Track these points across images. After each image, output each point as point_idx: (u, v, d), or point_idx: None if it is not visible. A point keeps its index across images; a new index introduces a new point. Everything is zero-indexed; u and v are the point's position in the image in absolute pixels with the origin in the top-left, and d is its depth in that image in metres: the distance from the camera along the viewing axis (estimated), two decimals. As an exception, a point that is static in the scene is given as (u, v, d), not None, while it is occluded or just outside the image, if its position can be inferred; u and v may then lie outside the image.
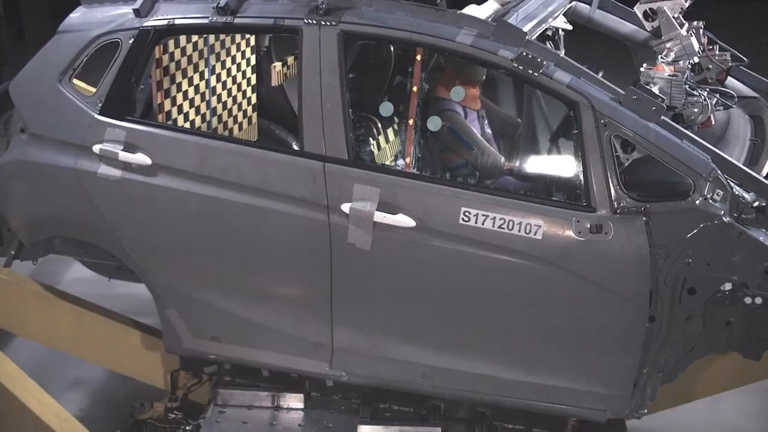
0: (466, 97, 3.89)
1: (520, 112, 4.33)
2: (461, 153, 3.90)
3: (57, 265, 4.60)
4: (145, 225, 3.73)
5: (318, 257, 3.55)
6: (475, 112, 4.08)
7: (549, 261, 3.35)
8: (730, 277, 3.30)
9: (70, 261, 4.60)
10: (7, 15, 10.51)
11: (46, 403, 3.69)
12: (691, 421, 4.55)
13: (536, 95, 4.40)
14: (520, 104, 4.34)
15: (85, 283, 4.73)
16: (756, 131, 3.89)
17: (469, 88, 3.93)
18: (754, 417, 4.67)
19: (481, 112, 4.16)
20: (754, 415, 4.69)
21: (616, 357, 3.44)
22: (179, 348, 3.89)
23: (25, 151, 3.92)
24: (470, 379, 3.57)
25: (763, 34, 10.60)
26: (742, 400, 4.66)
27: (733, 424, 4.66)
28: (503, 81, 4.44)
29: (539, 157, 4.16)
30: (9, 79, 4.59)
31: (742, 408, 4.70)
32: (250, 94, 4.60)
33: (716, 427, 4.37)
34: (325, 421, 3.83)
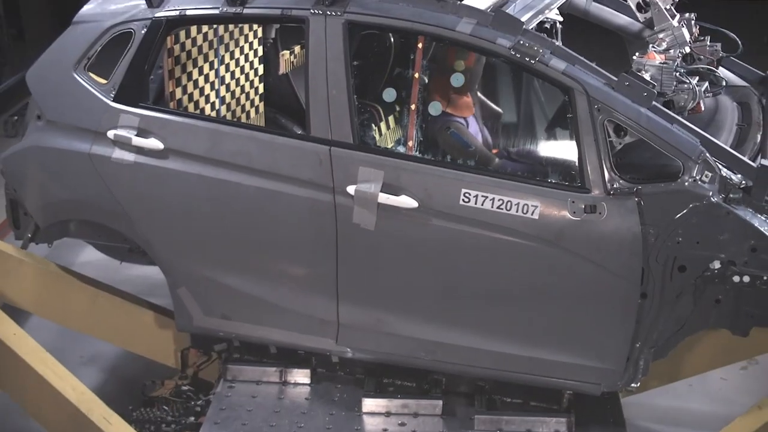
0: (461, 107, 4.04)
1: (517, 99, 4.48)
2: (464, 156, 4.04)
3: (69, 249, 4.75)
4: (158, 207, 3.88)
5: (324, 237, 3.70)
6: (473, 118, 4.19)
7: (545, 240, 3.50)
8: (719, 255, 3.44)
9: (82, 245, 4.76)
10: (7, 15, 10.57)
11: (64, 377, 3.83)
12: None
13: (534, 85, 4.57)
14: (517, 92, 4.49)
15: (96, 267, 4.88)
16: (743, 117, 4.04)
17: (462, 97, 4.05)
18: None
19: (477, 114, 4.31)
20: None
21: (610, 332, 3.59)
22: (190, 326, 4.05)
23: (41, 137, 4.08)
24: (470, 354, 3.73)
25: (763, 34, 10.64)
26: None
27: (722, 395, 4.82)
28: (501, 72, 4.61)
29: (536, 141, 4.31)
30: (9, 79, 4.77)
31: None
32: (257, 84, 4.76)
33: (704, 394, 4.48)
34: (330, 395, 3.99)
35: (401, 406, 3.88)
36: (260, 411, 3.89)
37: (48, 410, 3.86)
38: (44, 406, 3.86)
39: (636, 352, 3.62)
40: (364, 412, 3.87)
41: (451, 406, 3.88)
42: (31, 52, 4.19)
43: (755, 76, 4.41)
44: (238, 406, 3.92)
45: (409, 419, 3.84)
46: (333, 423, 3.83)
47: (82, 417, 3.75)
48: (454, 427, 3.80)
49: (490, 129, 4.33)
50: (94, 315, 4.39)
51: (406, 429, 3.80)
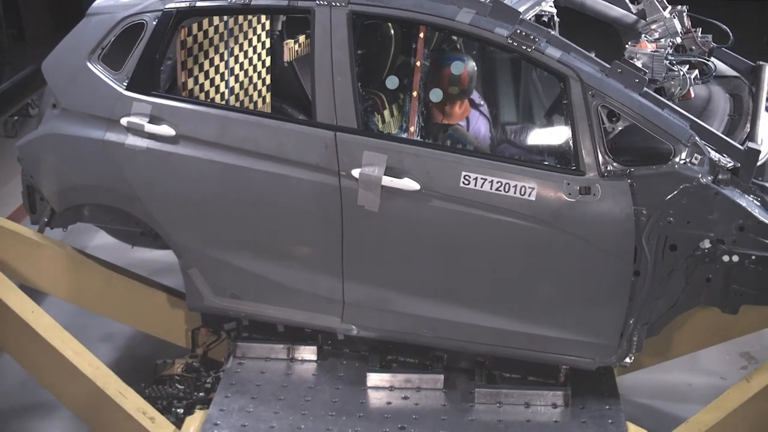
0: (457, 115, 4.20)
1: (515, 89, 4.64)
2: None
3: (82, 234, 4.91)
4: (170, 191, 4.04)
5: (330, 219, 3.86)
6: (472, 113, 4.35)
7: (542, 220, 3.66)
8: (708, 235, 3.60)
9: (94, 231, 4.91)
10: (7, 15, 10.62)
11: (80, 353, 3.99)
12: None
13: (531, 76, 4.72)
14: (516, 82, 4.65)
15: (108, 251, 5.02)
16: (735, 108, 4.19)
17: (455, 108, 4.21)
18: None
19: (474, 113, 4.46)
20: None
21: (604, 308, 3.75)
22: (201, 305, 4.21)
23: (57, 124, 4.23)
24: (470, 330, 3.89)
25: (763, 34, 10.74)
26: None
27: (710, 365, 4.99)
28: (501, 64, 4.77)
29: (533, 126, 4.46)
30: (9, 79, 4.91)
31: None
32: (264, 75, 4.92)
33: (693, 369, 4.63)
34: (336, 370, 4.15)
35: (404, 380, 4.04)
36: (269, 386, 4.06)
37: (65, 385, 4.01)
38: (61, 381, 4.02)
39: (629, 328, 3.78)
40: (369, 386, 4.03)
41: (452, 381, 4.05)
42: (31, 52, 4.34)
43: (746, 66, 4.56)
44: (248, 381, 4.08)
45: (412, 393, 4.00)
46: (339, 397, 3.99)
47: (98, 391, 3.90)
48: (455, 400, 3.96)
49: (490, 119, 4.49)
50: (108, 296, 4.56)
51: (409, 402, 3.96)
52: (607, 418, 3.87)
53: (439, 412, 3.90)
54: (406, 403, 3.95)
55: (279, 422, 3.83)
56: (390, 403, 3.95)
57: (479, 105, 4.38)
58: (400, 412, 3.90)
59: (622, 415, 3.89)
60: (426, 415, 3.88)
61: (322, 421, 3.84)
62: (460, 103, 4.23)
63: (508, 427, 3.82)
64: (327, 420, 3.85)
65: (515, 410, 3.91)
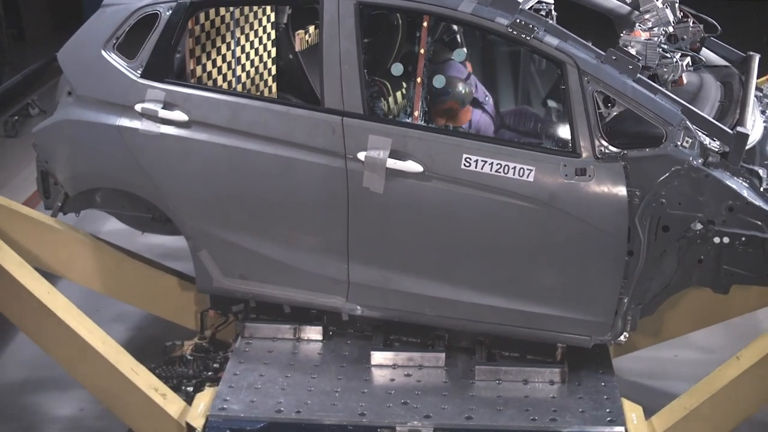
0: (460, 118, 4.36)
1: (514, 76, 4.81)
2: None
3: (93, 221, 5.05)
4: (182, 174, 4.18)
5: (336, 200, 4.00)
6: (477, 116, 4.50)
7: (540, 201, 3.81)
8: (699, 215, 3.75)
9: (104, 219, 5.04)
10: (7, 15, 10.68)
11: (94, 331, 4.11)
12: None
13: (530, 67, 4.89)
14: (515, 70, 4.81)
15: (117, 237, 5.15)
16: (725, 94, 4.35)
17: (459, 116, 4.38)
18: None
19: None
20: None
21: (599, 287, 3.90)
22: (210, 287, 4.34)
23: (72, 111, 4.37)
24: (471, 309, 4.03)
25: (763, 34, 10.83)
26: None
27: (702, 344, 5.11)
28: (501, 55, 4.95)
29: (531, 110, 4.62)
30: (9, 79, 5.03)
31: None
32: (270, 65, 5.08)
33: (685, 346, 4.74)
34: (341, 350, 4.29)
35: (407, 359, 4.18)
36: (276, 364, 4.19)
37: (79, 363, 4.13)
38: (76, 359, 4.13)
39: (623, 306, 3.93)
40: (373, 364, 4.17)
41: (453, 359, 4.19)
42: (31, 52, 4.45)
43: (737, 56, 4.73)
44: (256, 360, 4.22)
45: (414, 371, 4.14)
46: (344, 374, 4.12)
47: (111, 368, 4.02)
48: (456, 377, 4.10)
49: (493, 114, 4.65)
50: (119, 279, 4.70)
51: (411, 379, 4.10)
52: (603, 394, 4.01)
53: (440, 389, 4.04)
54: (409, 380, 4.09)
55: (286, 398, 3.96)
56: (393, 380, 4.09)
57: (483, 103, 4.53)
58: (403, 388, 4.04)
59: (617, 391, 4.03)
60: (428, 392, 4.01)
61: (327, 397, 3.98)
62: (463, 111, 4.38)
63: (507, 402, 3.95)
64: (332, 396, 3.98)
65: (514, 387, 4.06)
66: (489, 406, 3.92)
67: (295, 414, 3.86)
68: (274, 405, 3.91)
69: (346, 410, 3.88)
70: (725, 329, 4.82)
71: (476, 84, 4.57)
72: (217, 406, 3.90)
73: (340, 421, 3.82)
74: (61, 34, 4.44)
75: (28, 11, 12.30)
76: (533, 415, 3.87)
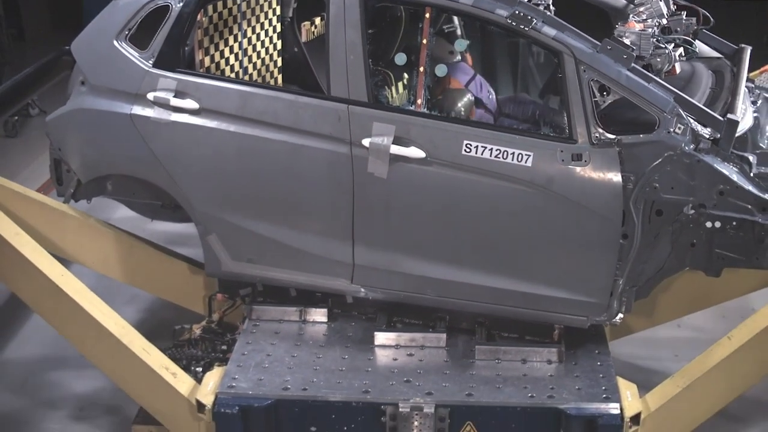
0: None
1: (513, 67, 4.96)
2: None
3: (103, 210, 5.19)
4: (192, 160, 4.31)
5: (342, 185, 4.14)
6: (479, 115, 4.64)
7: (537, 185, 3.95)
8: (691, 199, 3.89)
9: (114, 207, 5.19)
10: (7, 15, 10.76)
11: (107, 313, 4.24)
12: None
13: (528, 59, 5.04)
14: (514, 59, 4.97)
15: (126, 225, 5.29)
16: (716, 84, 4.50)
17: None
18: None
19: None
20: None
21: (594, 268, 4.03)
22: (219, 270, 4.48)
23: (86, 100, 4.50)
24: (471, 290, 4.17)
25: (763, 34, 10.87)
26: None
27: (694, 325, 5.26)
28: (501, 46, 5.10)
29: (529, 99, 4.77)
30: (9, 79, 5.17)
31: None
32: (276, 57, 5.23)
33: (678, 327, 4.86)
34: (345, 331, 4.43)
35: (409, 339, 4.32)
36: (283, 344, 4.33)
37: (93, 343, 4.26)
38: (89, 340, 4.27)
39: (619, 288, 4.06)
40: (376, 344, 4.31)
41: (454, 339, 4.33)
42: (31, 52, 4.56)
43: (730, 49, 4.88)
44: (263, 341, 4.36)
45: (417, 350, 4.28)
46: (348, 354, 4.26)
47: (123, 348, 4.15)
48: (456, 357, 4.23)
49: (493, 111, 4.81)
50: (129, 264, 4.85)
51: (413, 359, 4.23)
52: (599, 372, 4.15)
53: (441, 367, 4.18)
54: (411, 360, 4.23)
55: (293, 376, 4.10)
56: (396, 360, 4.23)
57: (485, 102, 4.66)
58: (406, 367, 4.18)
59: (612, 370, 4.17)
60: (430, 370, 4.15)
61: (333, 375, 4.11)
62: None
63: (506, 380, 4.09)
64: (337, 374, 4.12)
65: (513, 366, 4.19)
66: (488, 383, 4.06)
67: (301, 391, 4.00)
68: (281, 383, 4.05)
69: (350, 388, 4.02)
70: (717, 310, 4.97)
71: (481, 84, 4.70)
72: (226, 384, 4.03)
73: (345, 398, 3.96)
74: (61, 34, 4.58)
75: (28, 11, 12.39)
76: (531, 392, 4.00)
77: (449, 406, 3.92)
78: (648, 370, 4.82)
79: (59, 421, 4.77)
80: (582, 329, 4.22)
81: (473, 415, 3.94)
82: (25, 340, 5.48)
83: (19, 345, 5.45)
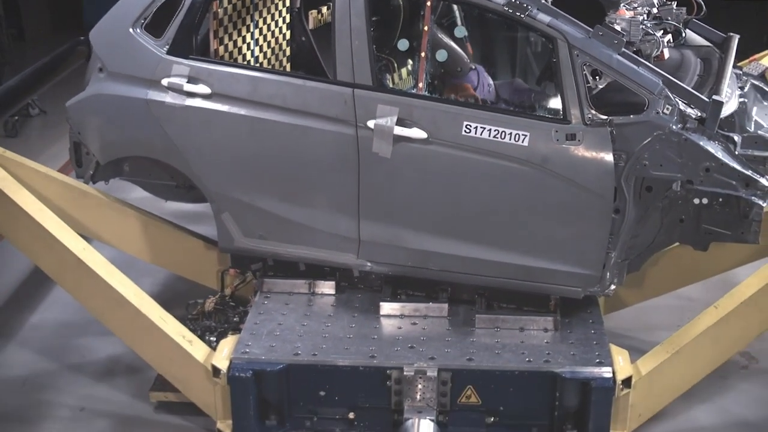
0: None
1: (512, 54, 5.20)
2: None
3: (118, 193, 5.41)
4: (205, 142, 4.54)
5: (348, 165, 4.37)
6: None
7: (533, 163, 4.18)
8: (678, 176, 4.12)
9: (129, 189, 5.41)
10: (7, 15, 10.81)
11: (126, 284, 4.47)
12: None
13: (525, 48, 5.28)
14: (513, 47, 5.21)
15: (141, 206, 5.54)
16: (704, 70, 4.73)
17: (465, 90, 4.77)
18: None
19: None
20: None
21: (588, 242, 4.27)
22: (231, 246, 4.71)
23: (103, 86, 4.73)
24: (472, 263, 4.40)
25: (763, 34, 10.94)
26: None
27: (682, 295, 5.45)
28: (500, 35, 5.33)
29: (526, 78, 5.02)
30: (9, 79, 5.37)
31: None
32: (285, 46, 5.46)
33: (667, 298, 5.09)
34: (352, 302, 4.67)
35: (413, 309, 4.57)
36: (293, 315, 4.58)
37: (113, 312, 4.49)
38: (110, 309, 4.50)
39: (611, 260, 4.29)
40: (382, 314, 4.56)
41: (455, 310, 4.58)
42: (31, 52, 4.72)
43: (718, 37, 5.10)
44: (274, 311, 4.60)
45: (420, 320, 4.53)
46: (355, 323, 4.51)
47: (142, 317, 4.39)
48: (457, 325, 4.48)
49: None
50: (146, 241, 5.09)
51: (417, 327, 4.48)
52: (592, 340, 4.39)
53: (444, 335, 4.42)
54: (415, 328, 4.48)
55: (303, 343, 4.34)
56: (400, 328, 4.48)
57: (485, 96, 4.88)
58: (410, 335, 4.43)
59: (605, 338, 4.41)
60: (432, 338, 4.40)
61: (341, 342, 4.36)
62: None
63: (505, 347, 4.33)
64: (345, 341, 4.36)
65: (511, 334, 4.44)
66: (488, 350, 4.31)
67: (311, 356, 4.24)
68: (292, 349, 4.29)
69: (358, 353, 4.26)
70: (704, 282, 5.18)
71: (485, 84, 4.92)
72: (240, 350, 4.28)
73: (352, 363, 4.21)
74: (61, 34, 4.76)
75: (28, 11, 12.51)
76: (528, 357, 4.25)
77: (451, 370, 4.17)
78: (639, 340, 5.04)
79: (83, 385, 4.97)
80: (577, 300, 4.46)
81: (474, 379, 4.18)
82: (52, 305, 5.72)
83: (46, 309, 5.69)
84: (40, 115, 9.17)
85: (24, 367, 5.14)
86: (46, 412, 4.75)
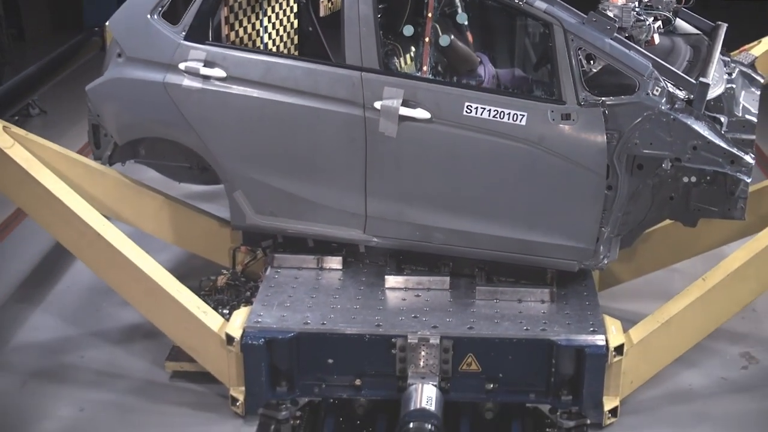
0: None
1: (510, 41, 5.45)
2: None
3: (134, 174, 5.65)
4: (220, 123, 4.76)
5: (355, 144, 4.60)
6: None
7: (530, 141, 4.42)
8: (668, 154, 4.36)
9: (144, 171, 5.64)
10: (7, 15, 10.79)
11: (144, 258, 4.69)
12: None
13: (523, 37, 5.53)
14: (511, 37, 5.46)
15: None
16: (693, 55, 4.98)
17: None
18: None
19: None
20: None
21: (582, 217, 4.50)
22: (243, 223, 4.94)
23: (122, 70, 4.95)
24: (473, 238, 4.63)
25: (763, 34, 11.21)
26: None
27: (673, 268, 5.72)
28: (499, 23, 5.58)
29: (525, 66, 5.26)
30: (9, 79, 5.59)
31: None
32: (293, 35, 5.71)
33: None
34: (359, 276, 4.91)
35: (417, 282, 4.80)
36: (302, 288, 4.81)
37: (130, 284, 4.73)
38: (128, 281, 4.73)
39: (604, 235, 4.53)
40: (387, 287, 4.79)
41: (457, 282, 4.81)
42: (31, 52, 4.86)
43: (707, 25, 5.34)
44: (284, 285, 4.83)
45: (423, 292, 4.77)
46: (362, 295, 4.74)
47: (159, 289, 4.62)
48: (459, 297, 4.72)
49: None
50: (160, 219, 5.33)
51: (420, 299, 4.72)
52: (587, 311, 4.62)
53: (445, 306, 4.66)
54: (418, 300, 4.71)
55: (312, 313, 4.58)
56: (404, 300, 4.71)
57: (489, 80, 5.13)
58: (413, 306, 4.66)
59: (599, 309, 4.65)
60: (435, 308, 4.63)
61: (348, 312, 4.59)
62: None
63: (504, 316, 4.57)
64: (352, 311, 4.60)
65: (509, 305, 4.67)
66: (488, 319, 4.54)
67: (320, 325, 4.48)
68: (302, 318, 4.53)
69: (364, 323, 4.50)
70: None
71: (490, 75, 5.16)
72: (253, 320, 4.51)
73: (359, 331, 4.44)
74: (61, 34, 4.89)
75: (28, 11, 12.55)
76: (526, 326, 4.48)
77: (453, 338, 4.40)
78: (631, 311, 5.26)
79: (108, 339, 5.19)
80: (572, 274, 4.70)
81: (474, 347, 4.41)
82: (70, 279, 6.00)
83: (74, 277, 5.97)
84: (41, 115, 9.27)
85: (50, 330, 5.40)
86: (46, 413, 4.77)
